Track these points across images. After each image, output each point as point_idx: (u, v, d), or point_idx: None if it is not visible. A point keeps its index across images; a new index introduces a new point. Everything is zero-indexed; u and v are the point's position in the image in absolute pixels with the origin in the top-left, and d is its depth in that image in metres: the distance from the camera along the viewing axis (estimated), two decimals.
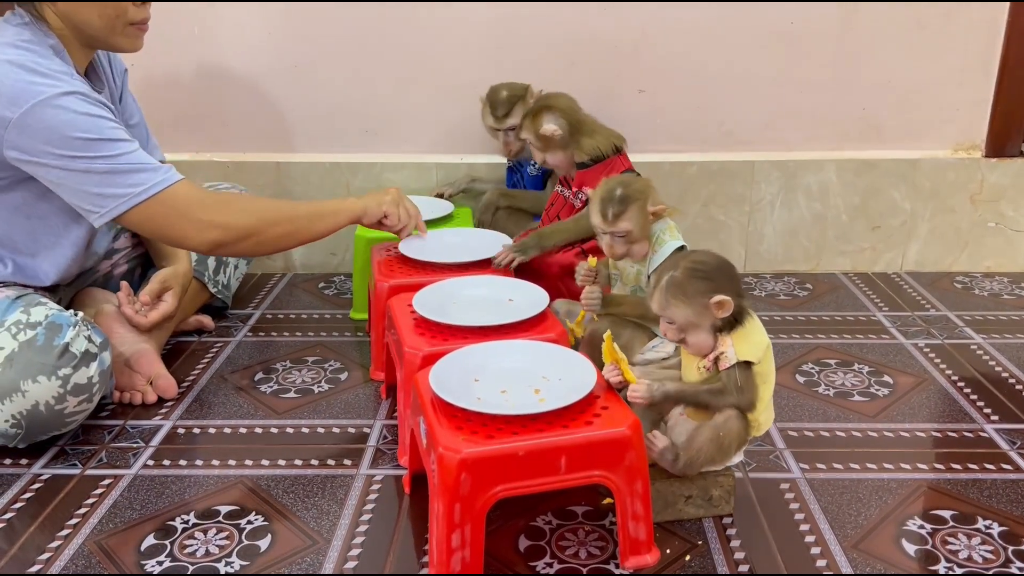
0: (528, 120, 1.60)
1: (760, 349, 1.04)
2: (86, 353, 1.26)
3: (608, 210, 1.25)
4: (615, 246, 1.28)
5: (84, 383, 1.26)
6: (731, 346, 1.03)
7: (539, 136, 1.58)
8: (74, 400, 1.25)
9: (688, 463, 1.06)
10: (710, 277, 1.03)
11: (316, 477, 1.22)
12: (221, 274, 1.75)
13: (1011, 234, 2.00)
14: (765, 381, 1.06)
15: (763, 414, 1.07)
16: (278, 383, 1.50)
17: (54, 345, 1.24)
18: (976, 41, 1.92)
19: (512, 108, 1.76)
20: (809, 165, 1.97)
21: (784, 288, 1.93)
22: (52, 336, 1.24)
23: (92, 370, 1.27)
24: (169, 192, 1.29)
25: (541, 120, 1.57)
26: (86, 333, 1.28)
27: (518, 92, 1.77)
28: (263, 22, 1.92)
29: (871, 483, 1.19)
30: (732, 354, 1.03)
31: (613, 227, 1.26)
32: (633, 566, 1.02)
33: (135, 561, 1.05)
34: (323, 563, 1.04)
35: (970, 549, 1.06)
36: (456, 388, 1.03)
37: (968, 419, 1.36)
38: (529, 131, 1.60)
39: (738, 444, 1.07)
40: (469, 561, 0.96)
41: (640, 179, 1.30)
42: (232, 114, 2.00)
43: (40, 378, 1.22)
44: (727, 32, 1.91)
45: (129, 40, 1.38)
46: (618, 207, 1.24)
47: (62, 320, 1.26)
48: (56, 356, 1.23)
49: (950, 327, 1.71)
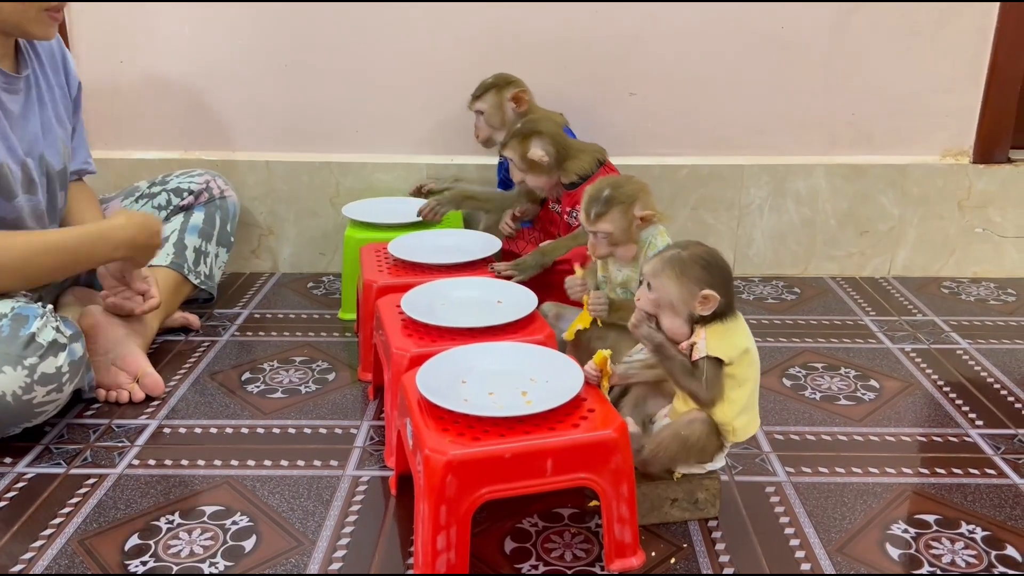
0: (515, 142, 1.57)
1: (735, 351, 1.04)
2: (53, 343, 1.25)
3: (591, 210, 1.26)
4: (598, 245, 1.29)
5: (52, 372, 1.25)
6: (704, 339, 1.04)
7: (524, 160, 1.56)
8: (42, 390, 1.24)
9: (650, 456, 1.07)
10: (710, 271, 1.04)
11: (302, 478, 1.22)
12: (202, 264, 1.74)
13: (998, 240, 2.01)
14: (741, 385, 1.05)
15: (738, 419, 1.06)
16: (265, 383, 1.50)
17: (19, 335, 1.22)
18: (965, 48, 1.93)
19: (484, 93, 1.76)
20: (799, 170, 1.98)
21: (772, 292, 1.93)
22: (18, 327, 1.23)
23: (61, 360, 1.25)
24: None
25: (529, 145, 1.54)
26: (54, 324, 1.27)
27: (498, 81, 1.76)
28: (253, 21, 1.92)
29: (856, 487, 1.20)
30: (703, 346, 1.03)
31: (594, 227, 1.26)
32: (618, 568, 1.02)
33: (119, 561, 1.04)
34: (308, 564, 1.04)
35: (953, 553, 1.06)
36: (443, 390, 1.03)
37: (953, 424, 1.37)
38: (515, 153, 1.57)
39: (711, 448, 1.07)
40: (454, 563, 0.96)
41: (634, 182, 1.30)
42: (222, 113, 1.99)
43: (5, 368, 1.21)
44: (718, 36, 1.91)
45: (42, 27, 1.37)
46: (601, 208, 1.25)
47: (28, 312, 1.26)
48: (22, 346, 1.22)
49: (936, 332, 1.72)
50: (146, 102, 1.99)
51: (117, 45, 1.95)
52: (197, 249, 1.73)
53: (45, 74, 1.49)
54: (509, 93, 1.74)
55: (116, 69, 1.96)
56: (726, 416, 1.06)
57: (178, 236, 1.72)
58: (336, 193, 1.99)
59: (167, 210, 1.74)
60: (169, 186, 1.76)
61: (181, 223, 1.74)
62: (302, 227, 2.03)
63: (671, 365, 1.05)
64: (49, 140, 1.47)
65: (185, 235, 1.73)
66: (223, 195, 1.81)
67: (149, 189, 1.76)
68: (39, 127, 1.46)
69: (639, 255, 1.28)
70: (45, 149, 1.46)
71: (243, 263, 2.04)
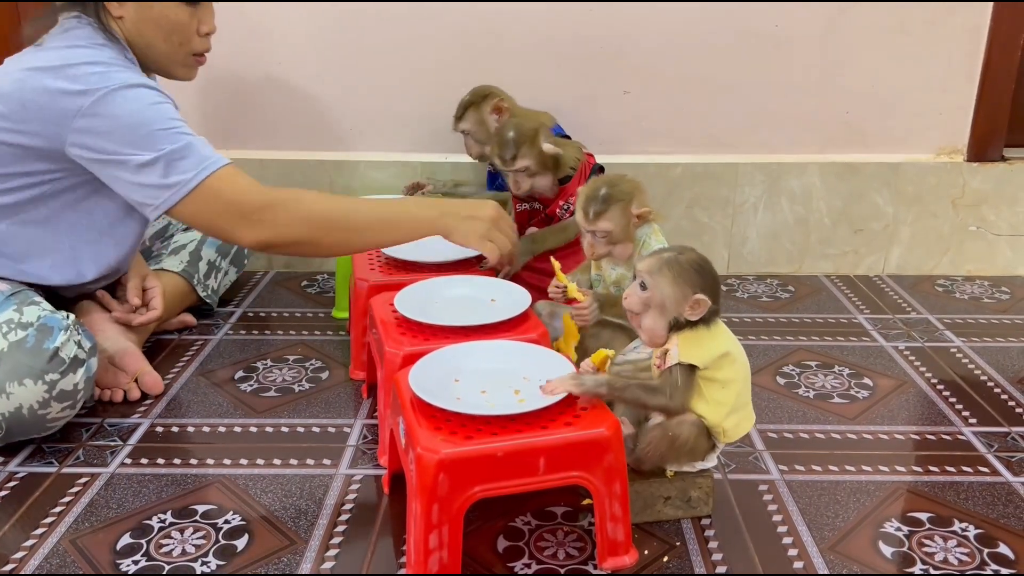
0: (526, 147, 1.53)
1: (709, 356, 1.03)
2: (75, 359, 1.24)
3: (590, 208, 1.25)
4: (596, 245, 1.28)
5: (70, 390, 1.24)
6: (676, 345, 1.03)
7: (539, 159, 1.53)
8: (58, 406, 1.24)
9: (641, 454, 1.07)
10: (704, 277, 1.04)
11: (295, 477, 1.21)
12: (212, 279, 1.75)
13: (992, 238, 2.02)
14: (725, 387, 1.05)
15: (728, 420, 1.06)
16: (258, 382, 1.49)
17: (44, 348, 1.21)
18: (959, 47, 1.93)
19: (464, 112, 1.76)
20: (792, 168, 1.98)
21: (766, 290, 1.94)
22: (43, 339, 1.22)
23: (79, 376, 1.25)
24: (214, 179, 1.23)
25: (539, 142, 1.52)
26: (76, 338, 1.25)
27: (474, 98, 1.75)
28: (246, 20, 1.91)
29: (849, 485, 1.20)
30: (675, 353, 1.03)
31: (593, 226, 1.26)
32: (611, 567, 1.02)
33: (110, 560, 1.04)
34: (300, 563, 1.04)
35: (946, 551, 1.06)
36: (436, 388, 1.03)
37: (947, 422, 1.37)
38: (530, 157, 1.53)
39: (701, 449, 1.07)
40: (447, 562, 0.96)
41: (628, 180, 1.30)
42: (215, 111, 1.99)
43: (27, 381, 1.20)
44: (712, 34, 1.91)
45: (186, 70, 1.40)
46: (600, 206, 1.25)
47: (54, 323, 1.24)
48: (45, 360, 1.21)
49: (930, 330, 1.72)
50: None
51: None
52: (211, 263, 1.74)
53: None
54: (488, 107, 1.73)
55: None
56: (715, 418, 1.06)
57: (196, 247, 1.73)
58: (330, 191, 1.99)
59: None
60: None
61: (201, 235, 1.75)
62: None
63: (629, 394, 1.04)
64: None
65: (203, 247, 1.74)
66: None
67: None
68: None
69: (634, 254, 1.28)
70: None
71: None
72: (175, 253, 1.71)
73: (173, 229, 1.77)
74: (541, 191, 1.60)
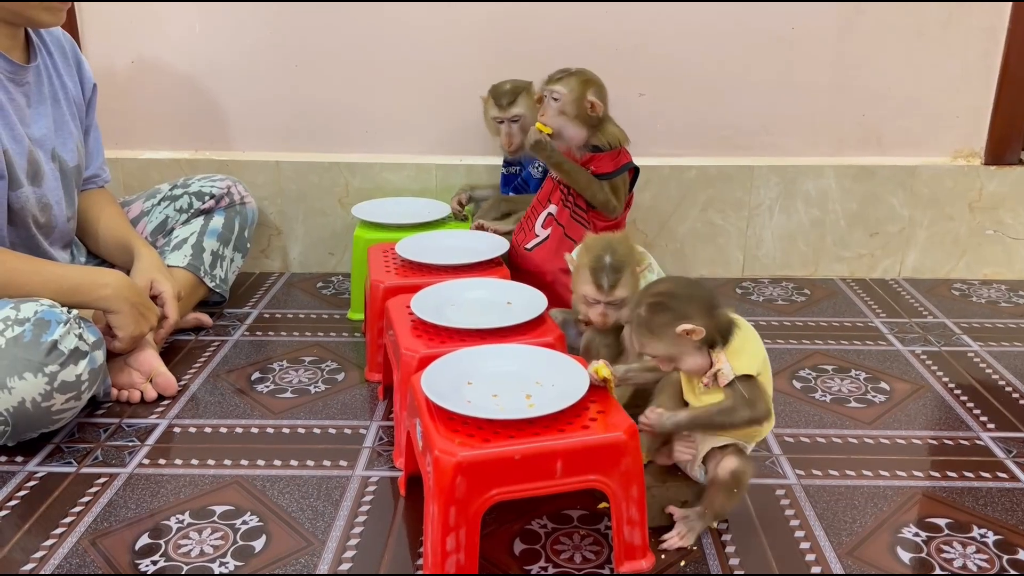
0: (575, 81, 1.52)
1: (757, 360, 1.03)
2: (75, 351, 1.24)
3: (603, 280, 1.21)
4: (609, 315, 1.23)
5: (72, 381, 1.24)
6: (726, 361, 1.02)
7: (578, 101, 1.51)
8: (61, 398, 1.24)
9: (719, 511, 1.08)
10: (670, 307, 1.01)
11: (311, 478, 1.22)
12: (218, 268, 1.75)
13: (1009, 242, 2.00)
14: (766, 388, 1.05)
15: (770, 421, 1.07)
16: (275, 383, 1.50)
17: (41, 342, 1.22)
18: (976, 49, 1.92)
19: (516, 98, 1.74)
20: (808, 171, 1.97)
21: (782, 293, 1.93)
22: (40, 333, 1.23)
23: (81, 368, 1.25)
24: None
25: (589, 88, 1.52)
26: (77, 331, 1.26)
27: (522, 85, 1.76)
28: (264, 21, 1.92)
29: (866, 490, 1.19)
30: (728, 369, 1.02)
31: (610, 296, 1.22)
32: (628, 571, 1.02)
33: (129, 560, 1.05)
34: (318, 564, 1.04)
35: (965, 557, 1.06)
36: (448, 391, 1.03)
37: (964, 427, 1.37)
38: (570, 91, 1.51)
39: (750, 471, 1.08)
40: (464, 564, 0.96)
41: (618, 237, 1.25)
42: (232, 113, 2.00)
43: (26, 375, 1.21)
44: (728, 36, 1.91)
45: (49, 13, 1.36)
46: (613, 276, 1.20)
47: (51, 316, 1.25)
48: (43, 353, 1.22)
49: (947, 334, 1.71)
50: (157, 102, 1.99)
51: (128, 45, 1.95)
52: (215, 252, 1.74)
53: (58, 72, 1.50)
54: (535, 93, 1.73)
55: (127, 69, 1.97)
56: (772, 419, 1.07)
57: (197, 239, 1.73)
58: (345, 193, 2.00)
59: (187, 213, 1.76)
60: (191, 189, 1.77)
61: (201, 226, 1.75)
62: (311, 227, 2.03)
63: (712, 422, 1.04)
64: (63, 137, 1.48)
65: (204, 238, 1.74)
66: (243, 201, 1.83)
67: (171, 191, 1.77)
68: (51, 122, 1.46)
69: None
70: (57, 145, 1.47)
71: (253, 263, 2.04)
72: (178, 248, 1.71)
73: (172, 222, 1.76)
74: (569, 141, 1.56)
